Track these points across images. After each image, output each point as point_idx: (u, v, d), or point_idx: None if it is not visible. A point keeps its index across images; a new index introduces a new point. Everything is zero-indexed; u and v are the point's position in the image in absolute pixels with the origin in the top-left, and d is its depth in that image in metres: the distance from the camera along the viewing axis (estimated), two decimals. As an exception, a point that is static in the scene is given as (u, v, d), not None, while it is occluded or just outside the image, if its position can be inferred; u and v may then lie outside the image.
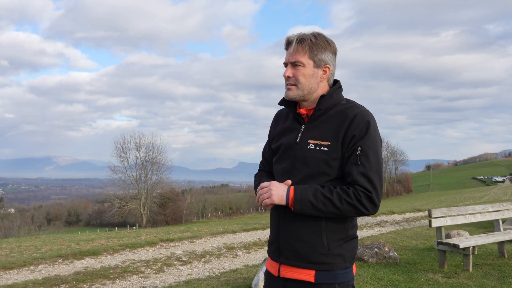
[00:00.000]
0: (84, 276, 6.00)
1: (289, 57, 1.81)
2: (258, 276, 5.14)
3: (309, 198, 1.68)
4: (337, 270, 1.74)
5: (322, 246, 1.73)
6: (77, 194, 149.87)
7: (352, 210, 1.68)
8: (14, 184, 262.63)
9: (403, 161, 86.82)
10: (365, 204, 1.68)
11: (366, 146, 1.71)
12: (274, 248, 1.85)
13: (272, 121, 2.06)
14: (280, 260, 1.81)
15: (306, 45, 1.78)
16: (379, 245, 6.45)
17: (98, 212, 74.01)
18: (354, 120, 1.73)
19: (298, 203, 1.69)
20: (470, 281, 5.20)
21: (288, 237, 1.78)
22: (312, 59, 1.79)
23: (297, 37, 1.79)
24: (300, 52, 1.78)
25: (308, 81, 1.80)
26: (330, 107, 1.81)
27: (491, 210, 6.74)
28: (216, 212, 63.97)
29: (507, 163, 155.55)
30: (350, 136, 1.72)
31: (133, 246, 8.59)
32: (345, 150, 1.72)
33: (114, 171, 48.24)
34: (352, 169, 1.70)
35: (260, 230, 11.74)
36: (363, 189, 1.68)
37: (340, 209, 1.67)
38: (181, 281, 5.88)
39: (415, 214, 16.36)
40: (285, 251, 1.79)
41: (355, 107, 1.79)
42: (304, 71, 1.79)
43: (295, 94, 1.81)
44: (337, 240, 1.75)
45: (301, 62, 1.78)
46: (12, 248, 9.94)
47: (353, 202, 1.67)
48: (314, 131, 1.80)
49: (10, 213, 74.96)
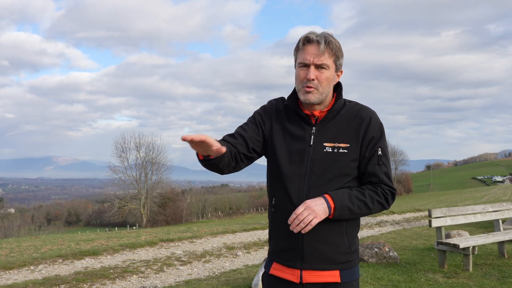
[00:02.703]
0: (84, 276, 6.00)
1: (315, 58, 1.72)
2: (258, 276, 5.14)
3: (347, 204, 1.70)
4: (355, 267, 1.81)
5: (344, 245, 1.77)
6: (77, 194, 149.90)
7: (379, 208, 1.77)
8: (14, 184, 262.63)
9: (403, 161, 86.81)
10: (390, 202, 1.78)
11: (384, 147, 1.80)
12: (292, 255, 1.77)
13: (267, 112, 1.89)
14: (303, 266, 1.75)
15: (333, 48, 1.74)
16: (379, 245, 6.45)
17: (98, 212, 74.00)
18: (371, 122, 1.79)
19: (338, 211, 1.69)
20: (470, 281, 5.20)
21: (314, 242, 1.74)
22: (335, 63, 1.77)
23: (325, 38, 1.73)
24: (327, 55, 1.73)
25: (329, 85, 1.78)
26: (339, 109, 1.82)
27: (491, 210, 6.74)
28: (216, 212, 63.94)
29: (507, 163, 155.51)
30: (369, 137, 1.77)
31: (133, 246, 8.59)
32: (365, 151, 1.77)
33: (114, 171, 48.24)
34: (376, 170, 1.77)
35: (260, 230, 11.73)
36: (389, 187, 1.78)
37: (371, 209, 1.75)
38: (181, 281, 5.88)
39: (415, 214, 16.35)
40: (310, 257, 1.74)
41: (366, 109, 1.83)
42: (327, 75, 1.75)
43: (316, 98, 1.75)
44: (354, 237, 1.82)
45: (327, 65, 1.74)
46: (12, 248, 9.94)
47: (382, 201, 1.76)
48: (327, 133, 1.78)
49: (10, 213, 74.94)
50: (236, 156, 1.77)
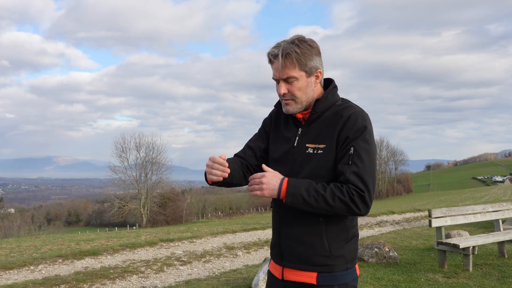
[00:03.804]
0: (84, 276, 6.00)
1: (279, 73, 1.73)
2: (258, 276, 5.14)
3: (301, 193, 1.64)
4: (338, 272, 1.73)
5: (323, 248, 1.72)
6: (77, 194, 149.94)
7: (344, 208, 1.64)
8: (14, 184, 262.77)
9: (403, 161, 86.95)
10: (357, 203, 1.64)
11: (359, 146, 1.68)
12: (276, 251, 1.85)
13: (272, 117, 1.99)
14: (283, 264, 1.81)
15: (293, 58, 1.70)
16: (379, 245, 6.45)
17: (98, 212, 74.03)
18: (348, 121, 1.71)
19: (290, 197, 1.65)
20: (470, 281, 5.20)
21: (289, 240, 1.78)
22: (303, 70, 1.73)
23: (281, 51, 1.70)
24: (289, 67, 1.71)
25: (305, 93, 1.76)
26: (325, 109, 1.79)
27: (491, 210, 6.74)
28: (216, 212, 63.96)
29: (507, 163, 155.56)
30: (344, 137, 1.70)
31: (133, 246, 8.59)
32: (339, 150, 1.70)
33: (114, 171, 48.31)
34: (345, 169, 1.67)
35: (260, 230, 11.73)
36: (356, 188, 1.64)
37: (332, 206, 1.64)
38: (181, 281, 5.88)
39: (415, 214, 16.35)
40: (287, 255, 1.79)
41: (350, 108, 1.76)
42: (298, 85, 1.73)
43: (295, 108, 1.78)
44: (338, 241, 1.74)
45: (293, 77, 1.72)
46: (12, 248, 9.94)
47: (346, 199, 1.63)
48: (310, 134, 1.78)
49: (10, 213, 74.98)
50: (248, 167, 1.93)
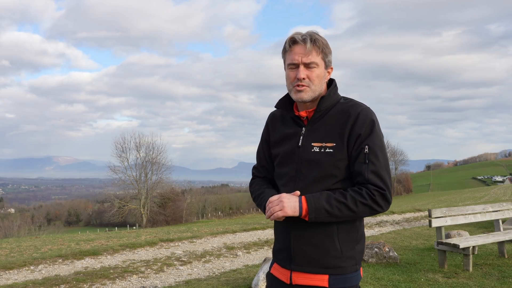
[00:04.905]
0: (84, 276, 6.00)
1: (303, 57, 1.72)
2: (258, 276, 5.14)
3: (323, 206, 1.63)
4: (348, 274, 1.71)
5: (335, 249, 1.70)
6: (77, 194, 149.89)
7: (367, 210, 1.66)
8: (14, 184, 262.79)
9: (403, 161, 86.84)
10: (379, 203, 1.65)
11: (373, 144, 1.68)
12: (283, 255, 1.80)
13: (267, 124, 1.99)
14: (291, 267, 1.76)
15: (320, 45, 1.73)
16: (379, 245, 6.45)
17: (98, 212, 73.98)
18: (358, 118, 1.70)
19: (313, 213, 1.64)
20: (470, 281, 5.20)
21: (300, 243, 1.74)
22: (324, 60, 1.76)
23: (310, 37, 1.73)
24: (314, 53, 1.72)
25: (320, 83, 1.76)
26: (330, 107, 1.78)
27: (491, 210, 6.74)
28: (216, 212, 63.96)
29: (507, 163, 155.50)
30: (355, 135, 1.69)
31: (133, 246, 8.59)
32: (352, 149, 1.69)
33: (114, 171, 48.28)
34: (362, 168, 1.67)
35: (260, 230, 11.73)
36: (376, 187, 1.65)
37: (355, 212, 1.64)
38: (181, 281, 5.88)
39: (415, 214, 16.34)
40: (297, 258, 1.74)
41: (357, 105, 1.76)
42: (318, 72, 1.74)
43: (309, 95, 1.75)
44: (349, 242, 1.73)
45: (316, 63, 1.73)
46: (12, 248, 9.94)
47: (368, 202, 1.64)
48: (316, 133, 1.75)
49: (10, 213, 74.97)
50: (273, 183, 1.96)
